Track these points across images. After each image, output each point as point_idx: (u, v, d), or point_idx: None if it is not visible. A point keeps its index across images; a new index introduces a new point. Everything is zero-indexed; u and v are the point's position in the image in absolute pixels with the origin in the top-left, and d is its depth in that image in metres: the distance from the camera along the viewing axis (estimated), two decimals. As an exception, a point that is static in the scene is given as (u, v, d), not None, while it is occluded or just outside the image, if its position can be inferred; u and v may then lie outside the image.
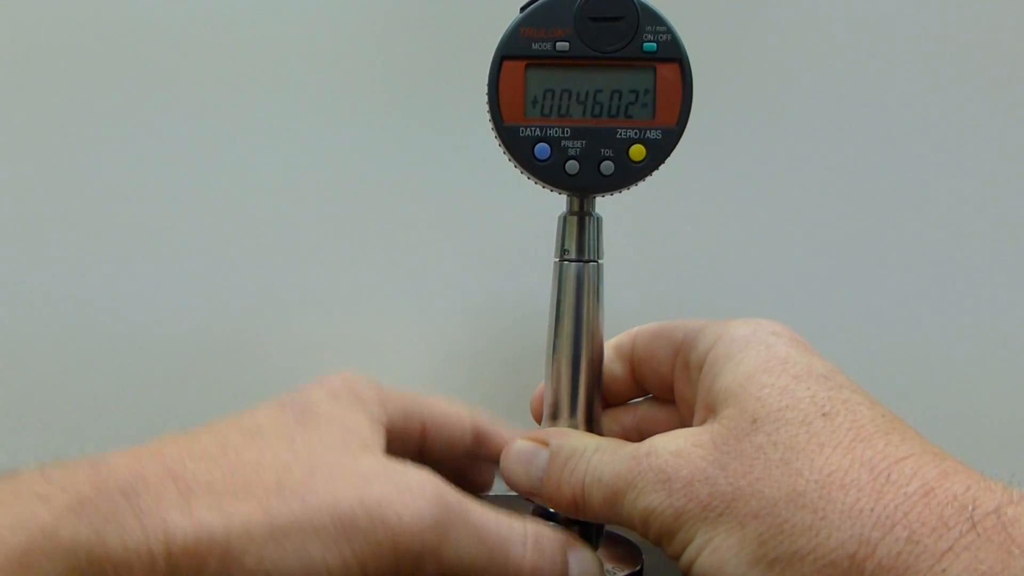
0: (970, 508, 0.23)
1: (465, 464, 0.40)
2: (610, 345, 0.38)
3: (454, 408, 0.39)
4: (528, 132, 0.33)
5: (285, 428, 0.32)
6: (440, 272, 0.51)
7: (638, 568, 0.38)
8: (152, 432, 0.49)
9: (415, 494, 0.29)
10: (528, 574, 0.30)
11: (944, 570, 0.22)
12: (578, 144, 0.33)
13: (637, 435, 0.37)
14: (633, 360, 0.38)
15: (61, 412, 0.53)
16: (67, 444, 0.52)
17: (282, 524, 0.27)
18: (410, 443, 0.37)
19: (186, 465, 0.28)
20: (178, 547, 0.26)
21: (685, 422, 0.34)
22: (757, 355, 0.30)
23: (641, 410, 0.39)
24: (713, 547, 0.26)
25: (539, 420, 0.38)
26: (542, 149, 0.34)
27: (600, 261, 0.35)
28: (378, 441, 0.33)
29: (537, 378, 0.37)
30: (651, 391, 0.38)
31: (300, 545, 0.27)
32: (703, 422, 0.30)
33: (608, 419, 0.38)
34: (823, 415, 0.27)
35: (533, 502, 0.36)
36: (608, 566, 0.37)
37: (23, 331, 0.53)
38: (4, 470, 0.27)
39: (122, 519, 0.26)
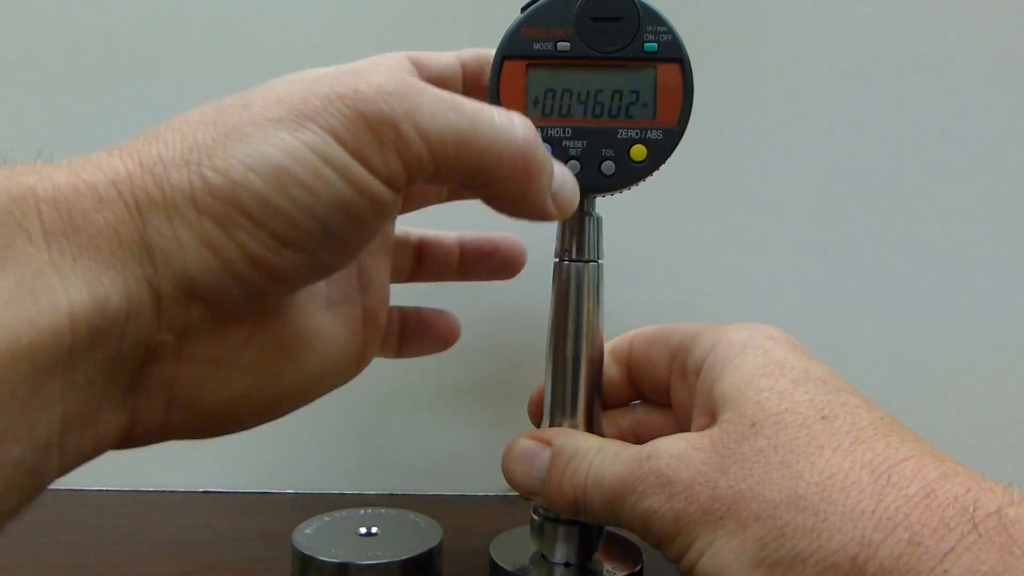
0: (971, 509, 0.23)
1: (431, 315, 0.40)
2: (607, 349, 0.38)
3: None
4: None
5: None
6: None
7: (638, 568, 0.38)
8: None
9: (371, 76, 0.26)
10: (520, 140, 0.28)
11: (946, 571, 0.22)
12: (579, 144, 0.33)
13: (633, 438, 0.37)
14: (630, 364, 0.38)
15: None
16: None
17: (235, 124, 0.25)
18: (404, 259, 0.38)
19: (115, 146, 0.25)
20: (122, 173, 0.24)
21: (681, 425, 0.34)
22: (755, 359, 0.30)
23: (638, 413, 0.39)
24: (714, 550, 0.26)
25: (536, 422, 0.38)
26: (543, 149, 0.33)
27: (600, 261, 0.35)
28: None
29: (537, 378, 0.37)
30: (647, 395, 0.38)
31: (264, 134, 0.24)
32: (701, 426, 0.30)
33: (605, 421, 0.38)
34: (822, 418, 0.27)
35: (534, 502, 0.36)
36: (608, 566, 0.38)
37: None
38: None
39: (43, 169, 0.23)
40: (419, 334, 0.40)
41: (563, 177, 0.30)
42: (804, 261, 0.52)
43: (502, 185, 0.28)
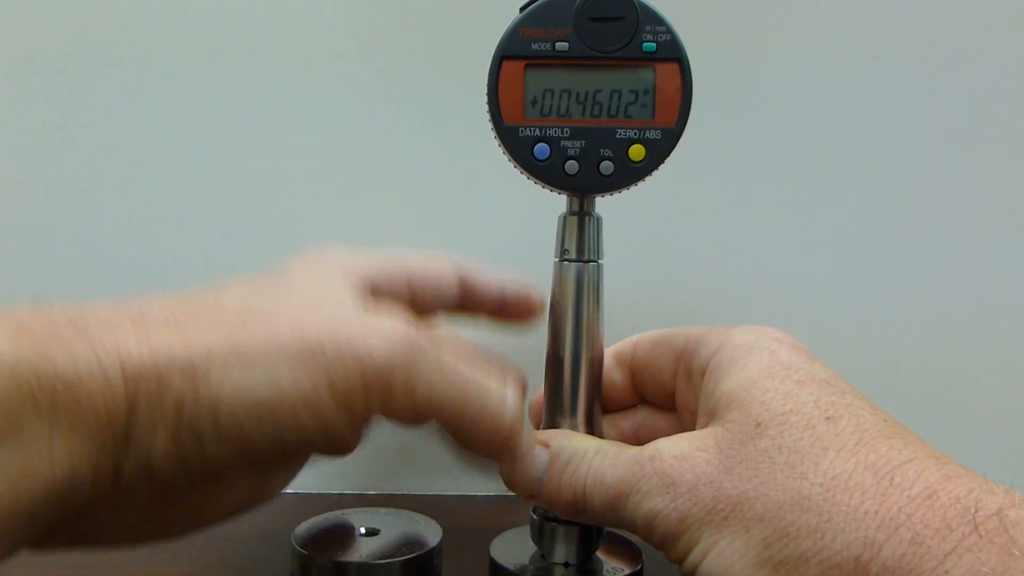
0: (973, 510, 0.23)
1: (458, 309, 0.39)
2: (610, 353, 0.38)
3: (436, 262, 0.38)
4: (528, 132, 0.33)
5: (251, 281, 0.31)
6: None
7: (638, 568, 0.38)
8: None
9: (385, 332, 0.27)
10: (508, 424, 0.29)
11: (947, 571, 0.22)
12: (577, 144, 0.33)
13: (635, 440, 0.37)
14: (634, 367, 0.38)
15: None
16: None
17: (246, 347, 0.26)
18: (398, 300, 0.37)
19: (141, 307, 0.27)
20: (134, 367, 0.24)
21: (685, 428, 0.34)
22: (760, 361, 0.30)
23: (639, 416, 0.39)
24: (718, 550, 0.26)
25: (537, 425, 0.38)
26: (541, 149, 0.33)
27: (600, 261, 0.35)
28: (355, 298, 0.31)
29: (537, 378, 0.37)
30: (650, 398, 0.38)
31: (266, 365, 0.26)
32: (705, 427, 0.30)
33: (606, 424, 0.38)
34: (827, 419, 0.27)
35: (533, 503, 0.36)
36: (608, 566, 0.38)
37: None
38: None
39: (69, 342, 0.24)
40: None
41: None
42: (804, 261, 0.52)
43: (472, 446, 0.30)
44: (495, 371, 0.30)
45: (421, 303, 0.37)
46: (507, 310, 0.39)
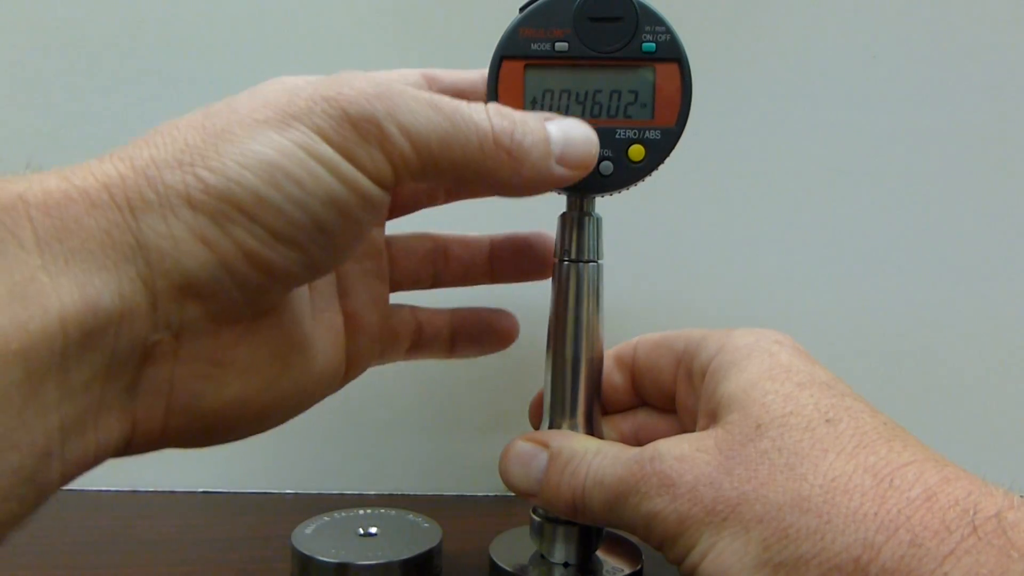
0: (971, 512, 0.23)
1: (488, 314, 0.40)
2: (611, 355, 0.39)
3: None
4: None
5: None
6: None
7: (638, 568, 0.38)
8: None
9: (354, 79, 0.27)
10: (490, 128, 0.28)
11: (946, 573, 0.22)
12: (577, 144, 0.33)
13: (635, 442, 0.37)
14: (634, 370, 0.38)
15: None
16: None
17: (222, 126, 0.25)
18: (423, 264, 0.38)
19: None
20: (115, 176, 0.24)
21: (685, 430, 0.34)
22: (760, 363, 0.30)
23: (639, 418, 0.39)
24: (717, 552, 0.26)
25: (536, 426, 0.38)
26: (541, 149, 0.33)
27: (600, 261, 0.35)
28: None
29: (537, 378, 0.37)
30: (651, 401, 0.38)
31: (253, 134, 0.25)
32: (705, 429, 0.30)
33: (606, 426, 0.38)
34: (826, 421, 0.27)
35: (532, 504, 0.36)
36: (608, 566, 0.38)
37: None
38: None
39: (33, 176, 0.24)
40: (476, 335, 0.40)
41: (567, 135, 0.30)
42: (804, 261, 0.52)
43: (494, 176, 0.29)
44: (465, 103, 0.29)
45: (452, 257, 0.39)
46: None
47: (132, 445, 0.26)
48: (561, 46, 0.33)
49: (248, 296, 0.26)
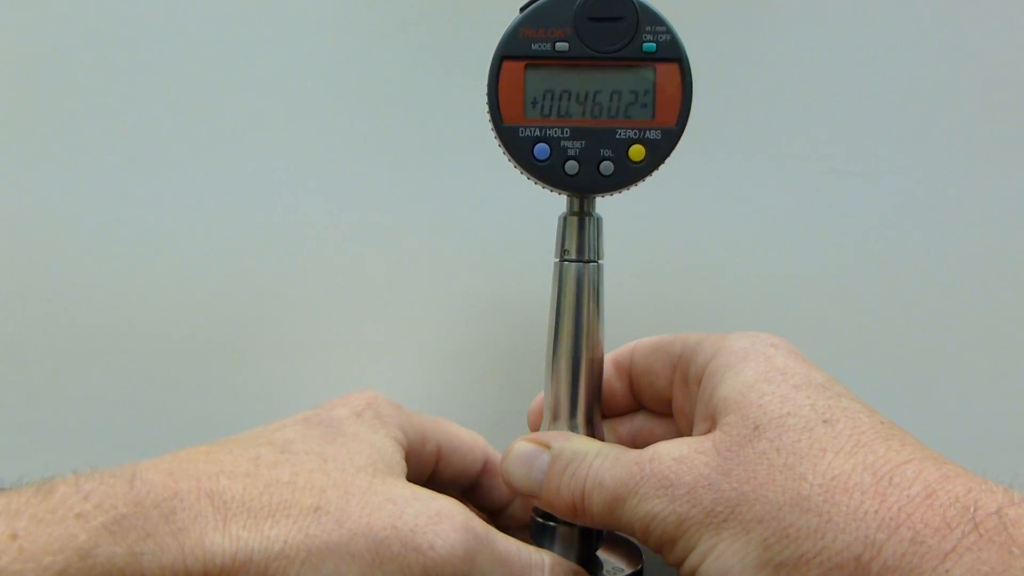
0: (972, 509, 0.23)
1: (473, 487, 0.40)
2: (609, 359, 0.39)
3: (468, 434, 0.40)
4: (528, 132, 0.33)
5: (315, 445, 0.32)
6: (439, 273, 0.51)
7: (638, 568, 0.38)
8: (151, 435, 0.49)
9: (446, 523, 0.29)
10: None
11: (948, 570, 0.22)
12: (577, 144, 0.33)
13: (633, 446, 0.37)
14: (631, 374, 0.38)
15: (59, 413, 0.53)
16: (66, 444, 0.52)
17: (319, 547, 0.27)
18: (425, 465, 0.38)
19: (220, 481, 0.28)
20: (216, 567, 0.26)
21: (682, 434, 0.34)
22: (756, 366, 0.30)
23: (637, 421, 0.39)
24: (717, 553, 0.26)
25: (535, 431, 0.38)
26: (541, 149, 0.34)
27: (600, 261, 0.35)
28: (402, 464, 0.34)
29: (537, 379, 0.37)
30: (648, 405, 0.39)
31: (336, 568, 0.27)
32: (702, 431, 0.31)
33: (604, 430, 0.38)
34: (824, 422, 0.27)
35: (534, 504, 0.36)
36: (608, 566, 0.37)
37: (21, 332, 0.52)
38: (22, 476, 0.27)
39: (159, 538, 0.25)
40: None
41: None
42: (804, 262, 0.52)
43: None
44: (534, 556, 0.33)
45: (445, 470, 0.38)
46: (514, 505, 0.41)
47: None
48: (562, 46, 0.33)
49: None
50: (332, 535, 0.28)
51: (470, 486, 0.40)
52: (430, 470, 0.38)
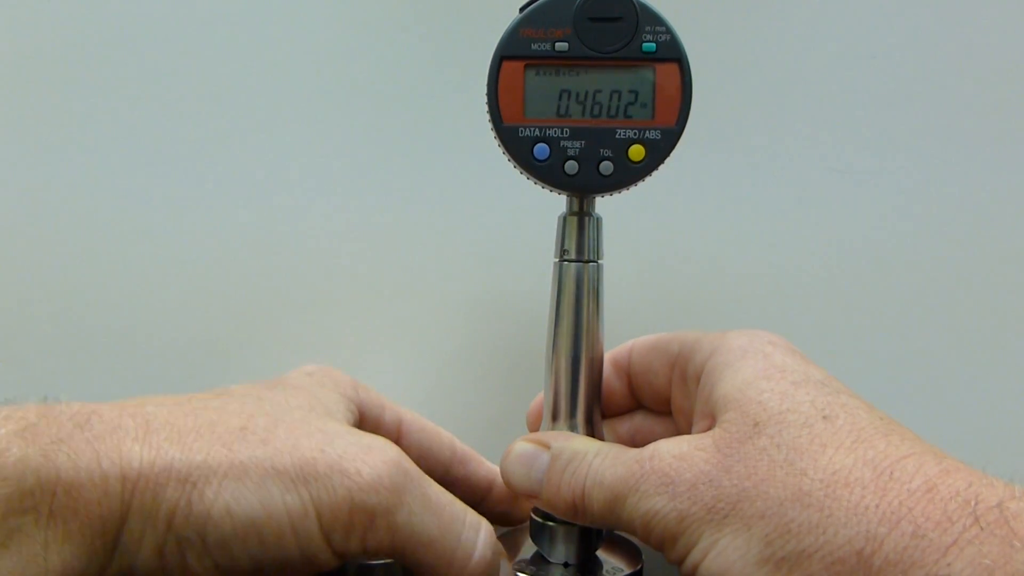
0: (973, 503, 0.23)
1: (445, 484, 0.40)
2: (607, 358, 0.39)
3: (434, 427, 0.39)
4: (527, 132, 0.33)
5: (253, 390, 0.32)
6: (439, 273, 0.51)
7: (638, 568, 0.38)
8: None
9: (376, 454, 0.29)
10: (475, 560, 0.30)
11: (949, 564, 0.23)
12: (577, 144, 0.33)
13: (632, 445, 0.37)
14: (630, 373, 0.38)
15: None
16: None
17: (243, 460, 0.27)
18: (387, 436, 0.37)
19: (146, 407, 0.28)
20: (134, 471, 0.26)
21: (681, 432, 0.34)
22: (755, 363, 0.30)
23: (636, 421, 0.39)
24: (719, 549, 0.26)
25: (535, 431, 0.38)
26: (541, 149, 0.34)
27: (600, 261, 0.36)
28: (345, 414, 0.33)
29: (537, 378, 0.37)
30: (647, 404, 0.39)
31: (260, 482, 0.27)
32: (702, 429, 0.31)
33: (604, 429, 0.38)
34: (823, 418, 0.27)
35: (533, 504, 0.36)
36: (608, 566, 0.37)
37: (21, 332, 0.52)
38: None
39: (73, 443, 0.25)
40: None
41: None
42: (804, 261, 0.52)
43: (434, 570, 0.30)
44: (470, 514, 0.31)
45: (410, 450, 0.38)
46: (488, 501, 0.40)
47: None
48: (561, 46, 0.33)
49: None
50: (256, 451, 0.28)
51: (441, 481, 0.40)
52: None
